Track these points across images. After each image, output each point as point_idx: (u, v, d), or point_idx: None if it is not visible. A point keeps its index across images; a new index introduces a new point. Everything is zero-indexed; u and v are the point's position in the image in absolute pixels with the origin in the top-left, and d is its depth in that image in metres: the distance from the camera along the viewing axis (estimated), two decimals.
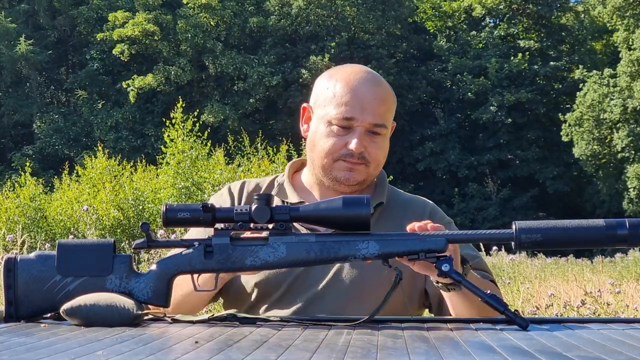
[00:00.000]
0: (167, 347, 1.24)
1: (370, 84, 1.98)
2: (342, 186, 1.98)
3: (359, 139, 1.93)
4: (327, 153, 1.96)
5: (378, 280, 1.93)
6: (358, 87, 1.96)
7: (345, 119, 1.93)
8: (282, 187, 2.06)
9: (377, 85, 1.99)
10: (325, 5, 33.28)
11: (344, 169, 1.96)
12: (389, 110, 2.00)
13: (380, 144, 1.97)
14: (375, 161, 1.98)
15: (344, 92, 1.95)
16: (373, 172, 2.00)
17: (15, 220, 11.85)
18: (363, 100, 1.94)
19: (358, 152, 1.93)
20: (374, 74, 2.04)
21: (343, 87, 1.96)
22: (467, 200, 31.65)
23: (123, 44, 31.72)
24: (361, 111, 1.93)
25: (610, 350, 1.22)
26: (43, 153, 31.42)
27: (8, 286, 1.59)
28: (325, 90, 1.99)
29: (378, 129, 1.95)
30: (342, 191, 1.99)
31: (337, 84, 1.97)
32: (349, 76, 1.98)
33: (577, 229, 1.55)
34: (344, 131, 1.94)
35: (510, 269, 9.85)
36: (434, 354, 1.18)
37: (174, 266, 1.60)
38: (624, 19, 29.24)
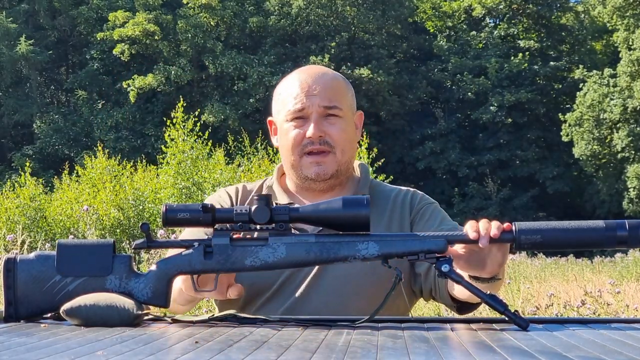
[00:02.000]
0: (167, 347, 1.24)
1: (315, 74, 2.01)
2: (315, 183, 2.00)
3: (315, 123, 1.95)
4: (292, 148, 1.98)
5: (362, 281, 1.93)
6: (303, 79, 1.99)
7: (298, 110, 1.97)
8: (272, 189, 2.08)
9: (322, 74, 2.02)
10: (325, 5, 33.28)
11: (312, 165, 1.98)
12: (340, 93, 2.01)
13: (339, 125, 1.98)
14: (339, 145, 1.98)
15: (292, 89, 1.99)
16: (342, 159, 1.99)
17: (15, 220, 11.85)
18: (309, 88, 1.97)
19: (317, 137, 1.95)
20: (320, 67, 2.09)
21: (290, 85, 2.01)
22: (467, 200, 31.64)
23: (123, 44, 31.72)
24: (309, 98, 1.96)
25: (610, 350, 1.22)
26: (43, 153, 31.42)
27: (8, 286, 1.59)
28: (278, 97, 2.04)
29: (332, 111, 1.97)
30: (319, 188, 2.01)
31: (285, 86, 2.02)
32: (295, 75, 2.03)
33: (577, 230, 1.55)
34: (300, 122, 1.97)
35: (510, 269, 9.85)
36: (434, 354, 1.18)
37: (173, 266, 1.61)
38: (624, 19, 29.24)
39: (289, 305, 1.94)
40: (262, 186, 2.11)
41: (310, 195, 2.03)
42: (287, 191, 2.07)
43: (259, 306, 1.95)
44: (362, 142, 14.16)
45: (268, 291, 1.95)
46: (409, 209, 2.06)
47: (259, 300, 1.95)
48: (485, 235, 1.57)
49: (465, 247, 1.63)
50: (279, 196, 2.05)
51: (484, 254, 1.62)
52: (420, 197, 2.09)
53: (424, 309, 5.82)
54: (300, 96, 1.97)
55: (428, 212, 2.06)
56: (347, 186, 2.06)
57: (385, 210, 2.02)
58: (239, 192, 2.10)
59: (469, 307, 1.95)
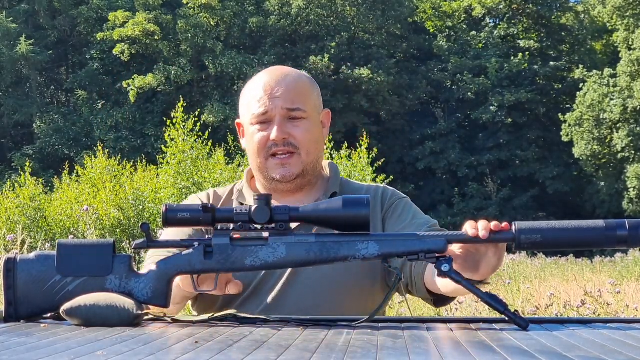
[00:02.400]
0: (167, 347, 1.24)
1: (278, 76, 2.02)
2: (281, 184, 2.01)
3: (278, 126, 1.97)
4: (257, 151, 2.00)
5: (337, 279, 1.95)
6: (266, 82, 2.00)
7: (261, 114, 1.98)
8: (242, 192, 2.09)
9: (286, 76, 2.02)
10: (325, 5, 33.28)
11: (278, 166, 1.99)
12: (304, 94, 2.02)
13: (303, 127, 1.99)
14: (304, 146, 2.00)
15: (256, 92, 2.01)
16: (307, 160, 2.01)
17: (15, 220, 11.86)
18: (272, 91, 1.98)
19: (280, 139, 1.97)
20: (285, 67, 2.09)
21: (254, 89, 2.02)
22: (467, 200, 31.65)
23: (123, 44, 31.72)
24: (272, 101, 1.98)
25: (610, 350, 1.22)
26: (43, 153, 31.42)
27: (8, 286, 1.59)
28: (244, 100, 2.05)
29: (295, 113, 1.98)
30: (286, 189, 2.02)
31: (250, 89, 2.04)
32: (260, 77, 2.04)
33: (577, 230, 1.55)
34: (265, 126, 1.99)
35: (510, 269, 9.85)
36: (434, 354, 1.18)
37: (174, 266, 1.61)
38: (624, 19, 29.24)
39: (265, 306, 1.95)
40: (232, 190, 2.12)
41: (280, 197, 2.04)
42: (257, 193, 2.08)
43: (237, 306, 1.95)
44: (362, 142, 14.18)
45: (245, 292, 1.95)
46: (380, 205, 2.07)
47: (237, 300, 1.96)
48: (485, 228, 1.57)
49: (462, 248, 1.63)
50: (249, 199, 2.06)
51: (479, 256, 1.63)
52: (391, 193, 2.10)
53: (424, 309, 5.82)
54: (263, 99, 1.98)
55: (400, 207, 2.07)
56: (317, 186, 2.07)
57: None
58: (210, 197, 2.10)
59: (445, 300, 1.96)
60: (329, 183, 2.09)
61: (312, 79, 2.10)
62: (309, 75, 2.11)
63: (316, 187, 2.07)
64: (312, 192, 2.07)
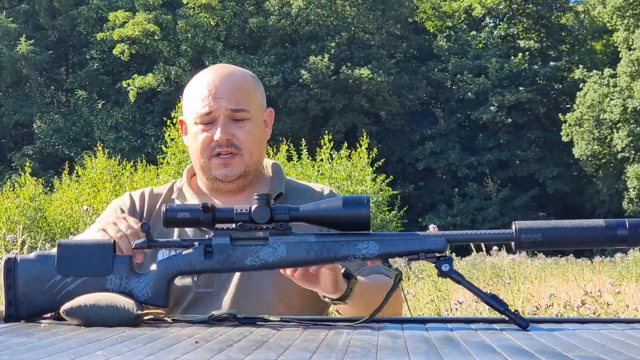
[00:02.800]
0: (167, 347, 1.24)
1: (222, 75, 2.02)
2: (224, 184, 2.02)
3: (222, 127, 1.97)
4: (200, 151, 2.00)
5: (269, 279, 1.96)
6: (210, 81, 2.00)
7: (205, 114, 1.98)
8: (182, 191, 2.09)
9: (230, 75, 2.02)
10: (325, 5, 33.28)
11: (220, 166, 2.00)
12: (248, 95, 2.02)
13: (247, 129, 2.00)
14: (247, 148, 2.01)
15: (200, 90, 2.00)
16: (249, 161, 2.02)
17: (15, 220, 11.86)
18: (216, 91, 1.98)
19: (224, 140, 1.97)
20: (229, 66, 2.08)
21: (198, 87, 2.01)
22: (467, 200, 31.65)
23: (123, 44, 31.73)
24: (216, 101, 1.98)
25: (610, 350, 1.22)
26: (43, 153, 31.43)
27: (8, 286, 1.59)
28: (187, 98, 2.05)
29: (239, 114, 1.99)
30: (228, 189, 2.03)
31: (194, 87, 2.03)
32: (204, 75, 2.03)
33: (577, 229, 1.55)
34: (208, 126, 1.99)
35: (510, 269, 9.83)
36: (434, 354, 1.18)
37: (174, 266, 1.60)
38: (624, 19, 29.25)
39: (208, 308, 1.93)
40: (171, 189, 2.12)
41: (222, 196, 2.05)
42: (199, 192, 2.09)
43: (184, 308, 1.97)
44: (362, 142, 14.19)
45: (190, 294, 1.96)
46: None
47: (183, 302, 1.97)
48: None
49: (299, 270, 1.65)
50: (190, 198, 2.06)
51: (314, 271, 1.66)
52: (331, 193, 2.12)
53: (424, 309, 5.82)
54: (207, 99, 1.98)
55: None
56: (258, 186, 2.08)
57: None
58: (144, 196, 2.09)
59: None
60: (271, 183, 2.10)
61: (256, 78, 2.10)
62: (253, 74, 2.11)
63: (258, 187, 2.08)
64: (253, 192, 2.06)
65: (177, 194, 2.09)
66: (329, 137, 14.35)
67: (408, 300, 1.94)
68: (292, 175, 13.12)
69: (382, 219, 13.98)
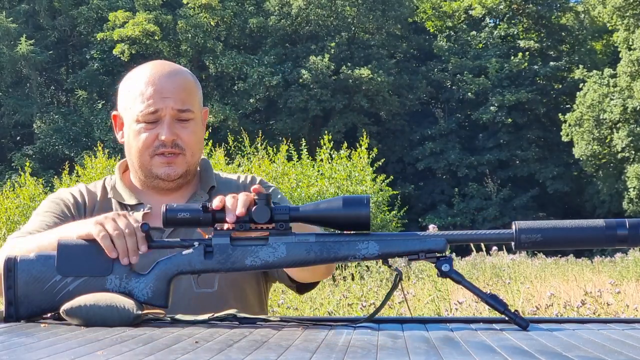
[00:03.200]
0: (167, 347, 1.24)
1: (166, 74, 2.00)
2: (164, 182, 2.01)
3: (168, 127, 1.95)
4: (142, 150, 1.98)
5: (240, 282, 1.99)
6: (156, 79, 1.97)
7: (150, 112, 1.96)
8: (116, 189, 2.06)
9: (175, 74, 2.01)
10: (325, 5, 33.28)
11: (162, 165, 1.99)
12: (192, 94, 2.02)
13: (191, 129, 2.00)
14: (190, 148, 2.00)
15: (144, 88, 1.97)
16: (191, 161, 2.02)
17: (15, 220, 11.86)
18: (163, 90, 1.96)
19: (170, 141, 1.96)
20: (171, 64, 2.06)
21: (142, 84, 1.98)
22: (467, 200, 31.65)
23: (123, 44, 31.73)
24: (163, 101, 1.96)
25: (610, 350, 1.22)
26: (43, 153, 31.43)
27: (8, 286, 1.59)
28: (127, 93, 2.01)
29: (185, 115, 1.98)
30: (167, 187, 2.02)
31: (136, 83, 2.00)
32: (146, 72, 2.00)
33: (577, 229, 1.55)
34: (153, 125, 1.97)
35: (510, 269, 9.83)
36: (434, 354, 1.18)
37: (174, 266, 1.60)
38: (624, 19, 29.25)
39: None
40: (104, 186, 2.09)
41: (157, 193, 2.04)
42: (133, 188, 2.06)
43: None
44: (362, 142, 14.19)
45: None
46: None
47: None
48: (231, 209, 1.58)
49: None
50: (124, 195, 2.04)
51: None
52: (260, 180, 2.14)
53: (424, 309, 5.82)
54: (154, 98, 1.95)
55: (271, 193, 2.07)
56: (191, 183, 2.08)
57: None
58: (82, 193, 2.06)
59: (307, 286, 2.02)
60: (201, 178, 2.09)
61: (195, 77, 2.09)
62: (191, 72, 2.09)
63: (189, 184, 2.07)
64: (187, 189, 2.07)
65: (113, 193, 2.05)
66: (329, 137, 14.34)
67: (408, 300, 1.93)
68: (292, 175, 13.13)
69: (382, 219, 13.98)
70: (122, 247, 1.61)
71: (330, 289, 7.17)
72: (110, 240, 1.61)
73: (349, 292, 6.33)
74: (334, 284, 7.95)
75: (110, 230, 1.62)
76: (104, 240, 1.61)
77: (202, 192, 2.06)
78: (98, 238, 1.61)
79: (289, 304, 5.93)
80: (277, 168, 13.01)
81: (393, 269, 1.59)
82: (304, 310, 5.83)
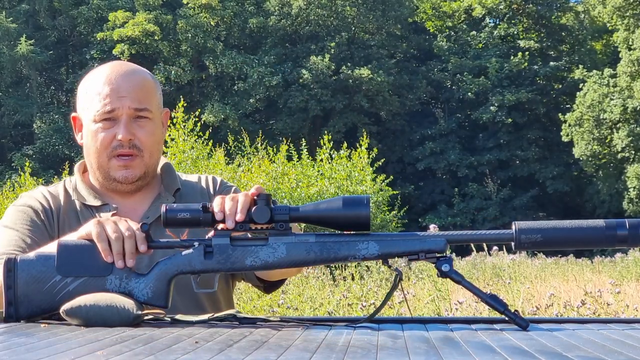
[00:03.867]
0: (167, 347, 1.24)
1: (123, 73, 1.98)
2: (122, 185, 1.99)
3: (125, 126, 1.93)
4: (100, 150, 1.96)
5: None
6: (112, 79, 1.96)
7: (107, 112, 1.94)
8: (78, 191, 2.03)
9: (132, 74, 1.99)
10: (325, 5, 33.28)
11: (120, 168, 1.97)
12: (150, 94, 2.00)
13: (148, 129, 1.97)
14: (148, 148, 1.98)
15: (101, 87, 1.96)
16: (149, 162, 2.00)
17: None
18: (119, 89, 1.94)
19: (127, 140, 1.93)
20: (128, 64, 2.05)
21: (98, 84, 1.97)
22: (467, 200, 31.65)
23: (123, 44, 31.74)
24: (119, 100, 1.94)
25: (610, 350, 1.22)
26: (43, 153, 31.44)
27: (8, 286, 1.59)
28: (84, 94, 2.00)
29: (142, 113, 1.96)
30: (126, 190, 2.00)
31: (92, 84, 1.98)
32: (103, 73, 1.99)
33: (577, 230, 1.55)
34: (110, 124, 1.95)
35: (510, 269, 9.83)
36: (434, 354, 1.18)
37: (174, 267, 1.60)
38: (624, 19, 29.25)
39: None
40: (65, 189, 2.05)
41: (118, 195, 2.02)
42: (94, 189, 2.04)
43: None
44: (362, 142, 14.19)
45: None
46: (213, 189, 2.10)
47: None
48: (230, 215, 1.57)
49: None
50: (87, 196, 2.02)
51: None
52: (220, 180, 2.14)
53: (424, 309, 5.82)
54: (110, 97, 1.94)
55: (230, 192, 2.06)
56: (153, 186, 2.06)
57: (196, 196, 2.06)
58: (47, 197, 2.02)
59: (274, 285, 2.02)
60: (163, 180, 2.07)
61: (155, 77, 2.08)
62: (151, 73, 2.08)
63: (151, 186, 2.06)
64: (148, 192, 2.06)
65: (76, 195, 2.02)
66: (329, 137, 14.34)
67: (408, 300, 1.93)
68: (292, 175, 13.12)
69: (382, 219, 13.98)
70: (119, 249, 1.60)
71: (330, 289, 7.16)
72: (107, 244, 1.60)
73: (349, 292, 6.33)
74: (334, 284, 7.95)
75: (109, 233, 1.62)
76: (101, 243, 1.60)
77: (168, 194, 2.04)
78: (96, 240, 1.61)
79: (289, 304, 5.93)
80: (277, 168, 13.00)
81: (393, 269, 1.59)
82: (304, 310, 5.83)
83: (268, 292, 2.06)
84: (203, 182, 2.11)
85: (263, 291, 2.05)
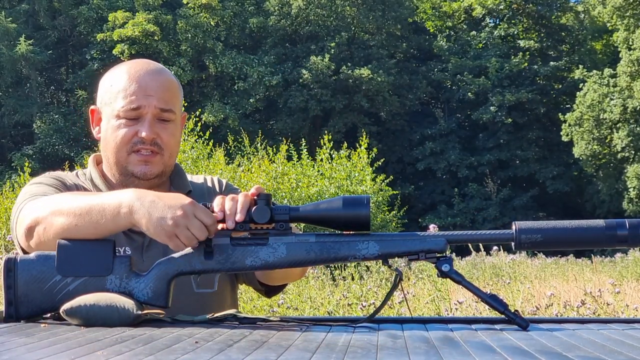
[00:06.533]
0: (167, 347, 1.24)
1: (152, 72, 1.98)
2: (139, 181, 1.97)
3: (149, 125, 1.93)
4: (120, 145, 1.95)
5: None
6: (140, 76, 1.95)
7: (132, 109, 1.93)
8: (94, 183, 2.02)
9: (159, 74, 1.99)
10: (325, 5, 33.28)
11: (139, 163, 1.95)
12: (174, 96, 2.00)
13: (171, 130, 1.97)
14: (169, 149, 1.98)
15: (127, 84, 1.95)
16: (168, 162, 2.00)
17: None
18: (147, 88, 1.94)
19: (150, 139, 1.93)
20: (155, 63, 2.05)
21: (126, 80, 1.95)
22: (467, 201, 31.64)
23: (123, 44, 31.72)
24: (146, 98, 1.93)
25: (610, 350, 1.22)
26: (43, 153, 31.43)
27: (8, 286, 1.59)
28: (109, 88, 1.98)
29: (166, 115, 1.96)
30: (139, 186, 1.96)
31: (120, 79, 1.97)
32: (130, 69, 1.98)
33: (577, 230, 1.55)
34: (133, 122, 1.94)
35: (510, 269, 9.83)
36: (434, 354, 1.18)
37: (174, 267, 1.60)
38: (624, 19, 29.24)
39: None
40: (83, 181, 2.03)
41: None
42: (109, 182, 2.03)
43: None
44: (362, 142, 14.18)
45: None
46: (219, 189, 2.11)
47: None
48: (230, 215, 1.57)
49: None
50: (103, 189, 2.00)
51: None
52: (226, 182, 2.14)
53: (424, 309, 5.82)
54: (137, 94, 1.93)
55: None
56: (163, 185, 2.05)
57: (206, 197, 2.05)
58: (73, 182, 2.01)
59: (275, 289, 2.02)
60: (173, 182, 2.07)
61: (178, 80, 2.08)
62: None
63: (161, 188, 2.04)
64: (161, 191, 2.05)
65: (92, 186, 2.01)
66: (329, 137, 14.33)
67: (408, 300, 1.93)
68: (292, 175, 13.12)
69: (382, 219, 13.97)
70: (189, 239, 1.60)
71: (330, 289, 7.16)
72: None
73: (349, 292, 6.33)
74: (334, 284, 7.95)
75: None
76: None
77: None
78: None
79: (289, 304, 5.92)
80: (277, 168, 13.00)
81: (393, 269, 1.59)
82: (304, 310, 5.83)
83: (269, 296, 2.06)
84: (209, 183, 2.12)
85: (264, 295, 2.06)
